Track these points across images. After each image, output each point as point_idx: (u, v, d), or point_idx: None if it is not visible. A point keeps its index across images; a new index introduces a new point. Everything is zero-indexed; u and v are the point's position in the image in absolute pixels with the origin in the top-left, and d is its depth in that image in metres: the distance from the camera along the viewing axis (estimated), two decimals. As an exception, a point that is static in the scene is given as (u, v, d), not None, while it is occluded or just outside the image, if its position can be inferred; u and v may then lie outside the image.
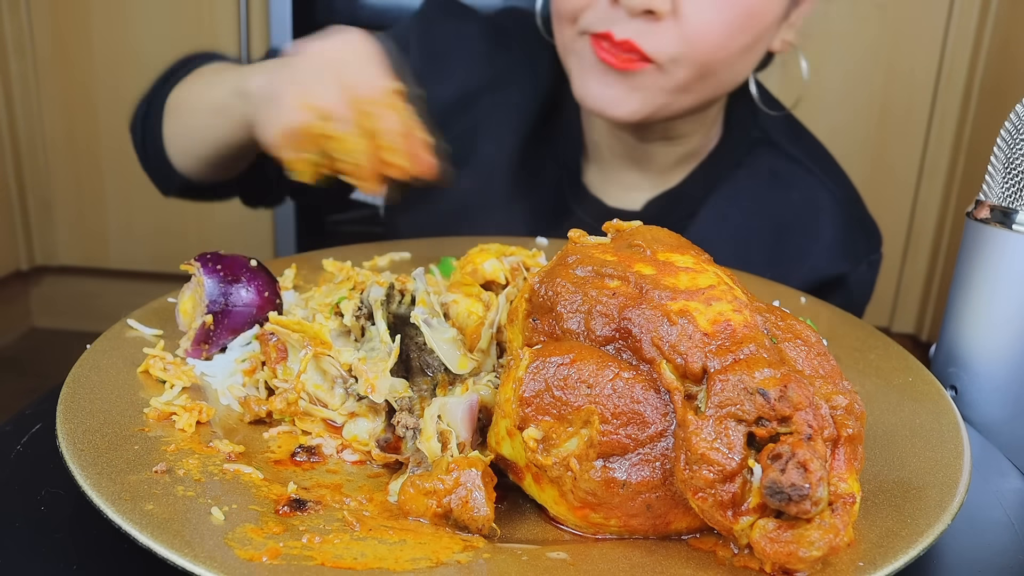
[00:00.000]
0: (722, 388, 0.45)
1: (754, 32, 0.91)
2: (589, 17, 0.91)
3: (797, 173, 1.08)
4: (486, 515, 0.48)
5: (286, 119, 0.76)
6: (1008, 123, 0.71)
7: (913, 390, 0.65)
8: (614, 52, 0.89)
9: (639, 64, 0.89)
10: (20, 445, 0.56)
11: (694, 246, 0.58)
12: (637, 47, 0.88)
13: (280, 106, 0.78)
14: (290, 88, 0.78)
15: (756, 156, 1.09)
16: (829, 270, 1.05)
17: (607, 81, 0.92)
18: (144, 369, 0.62)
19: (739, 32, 0.90)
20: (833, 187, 1.09)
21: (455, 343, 0.60)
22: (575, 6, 0.91)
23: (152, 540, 0.43)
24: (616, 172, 1.10)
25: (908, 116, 2.49)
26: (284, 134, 0.76)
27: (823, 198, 1.07)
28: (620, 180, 1.10)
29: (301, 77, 0.79)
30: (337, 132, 0.75)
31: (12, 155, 2.46)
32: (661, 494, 0.46)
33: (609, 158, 1.09)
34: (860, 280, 1.07)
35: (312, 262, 0.85)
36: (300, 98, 0.76)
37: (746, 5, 0.88)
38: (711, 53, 0.89)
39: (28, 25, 2.41)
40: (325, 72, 0.78)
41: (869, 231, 1.11)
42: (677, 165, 1.08)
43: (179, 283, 0.70)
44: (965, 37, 2.40)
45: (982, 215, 0.72)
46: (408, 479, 0.50)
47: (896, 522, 0.48)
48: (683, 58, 0.89)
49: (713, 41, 0.88)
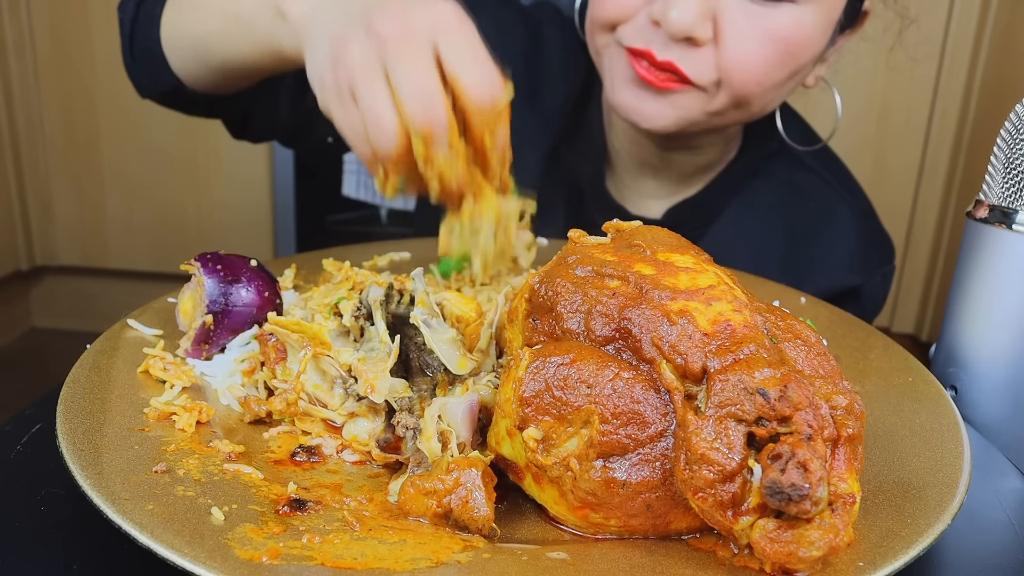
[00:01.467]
0: (722, 388, 0.45)
1: (791, 67, 0.90)
2: (627, 31, 0.89)
3: (815, 184, 1.08)
4: (486, 515, 0.48)
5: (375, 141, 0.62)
6: (1008, 123, 0.71)
7: (913, 390, 0.65)
8: (653, 72, 0.88)
9: (678, 85, 0.88)
10: (20, 445, 0.56)
11: (694, 246, 0.58)
12: (678, 68, 0.87)
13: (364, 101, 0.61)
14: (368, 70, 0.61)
15: (774, 166, 1.08)
16: (844, 282, 1.04)
17: (642, 95, 0.91)
18: (144, 369, 0.62)
19: (777, 66, 0.89)
20: (851, 199, 1.08)
21: (454, 343, 0.60)
22: (614, 16, 0.90)
23: (152, 540, 0.43)
24: (635, 179, 1.09)
25: (908, 116, 2.49)
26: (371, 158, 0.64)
27: (840, 210, 1.07)
28: (639, 188, 1.10)
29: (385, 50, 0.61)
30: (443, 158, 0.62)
31: (12, 155, 2.45)
32: (661, 494, 0.46)
33: (629, 165, 1.09)
34: (873, 293, 1.07)
35: (312, 262, 0.85)
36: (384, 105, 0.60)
37: (787, 41, 0.87)
38: (748, 85, 0.89)
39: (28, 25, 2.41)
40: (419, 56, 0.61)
41: (883, 244, 1.11)
42: (696, 174, 1.08)
43: (179, 283, 0.70)
44: (965, 37, 2.40)
45: (982, 215, 0.72)
46: (408, 479, 0.50)
47: (896, 522, 0.48)
48: (721, 86, 0.89)
49: (751, 73, 0.88)
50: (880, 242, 1.10)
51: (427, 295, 0.62)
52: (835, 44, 0.97)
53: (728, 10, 0.85)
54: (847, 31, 0.97)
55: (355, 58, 0.62)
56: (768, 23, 0.86)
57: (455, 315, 0.63)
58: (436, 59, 0.62)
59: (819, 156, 1.09)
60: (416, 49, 0.61)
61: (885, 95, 2.46)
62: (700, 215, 1.07)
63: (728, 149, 1.08)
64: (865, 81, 2.41)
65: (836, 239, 1.06)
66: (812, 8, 0.87)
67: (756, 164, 1.08)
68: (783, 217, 1.06)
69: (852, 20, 0.96)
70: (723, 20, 0.85)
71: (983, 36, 2.37)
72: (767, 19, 0.86)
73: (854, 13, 0.95)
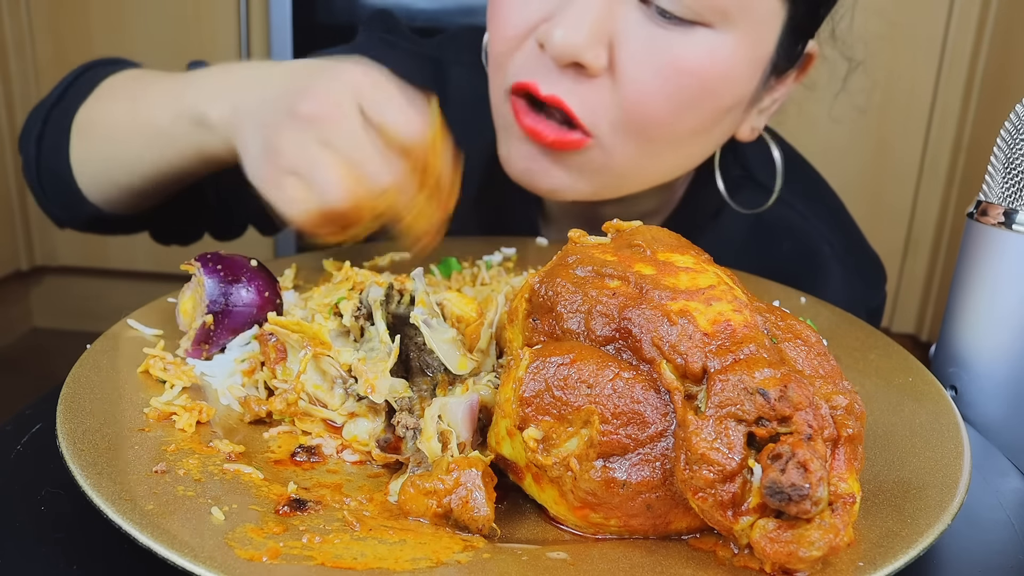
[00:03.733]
0: (722, 388, 0.45)
1: (708, 112, 0.76)
2: (516, 63, 0.76)
3: (788, 218, 0.95)
4: (486, 515, 0.48)
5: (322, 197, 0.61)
6: (1008, 123, 0.71)
7: (913, 390, 0.65)
8: (541, 122, 0.74)
9: (573, 140, 0.74)
10: (20, 445, 0.56)
11: (694, 246, 0.58)
12: (565, 105, 0.73)
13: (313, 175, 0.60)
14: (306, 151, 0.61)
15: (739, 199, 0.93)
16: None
17: (536, 157, 0.77)
18: (144, 369, 0.62)
19: (689, 107, 0.75)
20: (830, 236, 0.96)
21: (455, 343, 0.60)
22: (506, 41, 0.76)
23: (152, 540, 0.43)
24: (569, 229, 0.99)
25: (908, 116, 2.49)
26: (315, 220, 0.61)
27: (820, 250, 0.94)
28: None
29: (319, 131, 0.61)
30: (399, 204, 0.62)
31: (12, 155, 2.45)
32: (661, 494, 0.46)
33: (559, 217, 0.98)
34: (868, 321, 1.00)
35: (312, 262, 0.85)
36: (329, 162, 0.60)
37: (699, 76, 0.73)
38: (653, 128, 0.74)
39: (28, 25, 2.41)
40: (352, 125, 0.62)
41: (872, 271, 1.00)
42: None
43: (179, 283, 0.70)
44: (965, 37, 2.40)
45: (982, 215, 0.72)
46: (408, 479, 0.50)
47: (896, 522, 0.48)
48: (621, 130, 0.75)
49: (655, 112, 0.73)
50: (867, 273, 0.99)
51: (427, 295, 0.62)
52: (773, 89, 0.84)
53: (627, 34, 0.71)
54: (788, 74, 0.84)
55: (290, 146, 0.63)
56: (677, 51, 0.72)
57: (455, 315, 0.63)
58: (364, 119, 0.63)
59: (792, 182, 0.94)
60: (346, 121, 0.62)
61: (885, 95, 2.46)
62: None
63: (671, 193, 0.95)
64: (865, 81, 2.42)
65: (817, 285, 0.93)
66: (732, 36, 0.73)
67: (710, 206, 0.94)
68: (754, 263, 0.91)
69: (791, 62, 0.82)
70: (621, 46, 0.72)
71: (983, 36, 2.37)
72: (676, 46, 0.72)
73: (792, 55, 0.81)
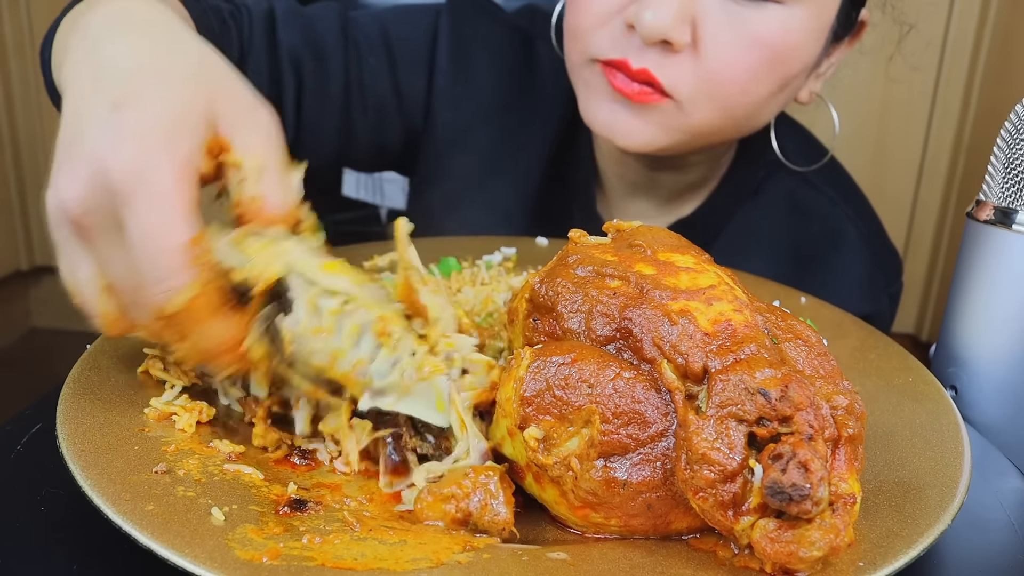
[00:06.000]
0: (723, 388, 0.45)
1: (780, 78, 0.84)
2: (602, 41, 0.83)
3: (819, 203, 1.02)
4: (506, 518, 0.48)
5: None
6: (1008, 123, 0.71)
7: (913, 390, 0.65)
8: (629, 84, 0.82)
9: (656, 98, 0.82)
10: (20, 445, 0.56)
11: (694, 246, 0.58)
12: (654, 77, 0.80)
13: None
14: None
15: (772, 184, 1.02)
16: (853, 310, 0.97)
17: (617, 111, 0.84)
18: (144, 369, 0.61)
19: (764, 76, 0.82)
20: (856, 219, 1.02)
21: None
22: (588, 23, 0.84)
23: (152, 540, 0.43)
24: (624, 202, 1.05)
25: (908, 116, 2.49)
26: (158, 315, 0.50)
27: (846, 231, 1.01)
28: (628, 210, 1.05)
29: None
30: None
31: (12, 155, 2.45)
32: (662, 494, 0.46)
33: (618, 187, 1.04)
34: (881, 315, 1.03)
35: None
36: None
37: (774, 47, 0.80)
38: (732, 96, 0.82)
39: (28, 25, 2.41)
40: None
41: (891, 262, 1.05)
42: (686, 193, 1.03)
43: (179, 283, 0.70)
44: (965, 37, 2.40)
45: (982, 215, 0.72)
46: (424, 488, 0.50)
47: (896, 522, 0.48)
48: (702, 97, 0.82)
49: (735, 82, 0.81)
50: (887, 260, 1.05)
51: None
52: (830, 55, 0.91)
53: (708, 12, 0.79)
54: (843, 41, 0.91)
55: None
56: (753, 26, 0.79)
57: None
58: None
59: (822, 171, 1.03)
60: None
61: (885, 95, 2.46)
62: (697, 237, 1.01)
63: (719, 166, 1.02)
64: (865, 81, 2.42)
65: (844, 265, 1.00)
66: (801, 10, 0.80)
67: (750, 182, 1.02)
68: (786, 239, 1.00)
69: (847, 29, 0.90)
70: (703, 23, 0.79)
71: (983, 37, 2.37)
72: (752, 22, 0.79)
73: (849, 21, 0.89)
